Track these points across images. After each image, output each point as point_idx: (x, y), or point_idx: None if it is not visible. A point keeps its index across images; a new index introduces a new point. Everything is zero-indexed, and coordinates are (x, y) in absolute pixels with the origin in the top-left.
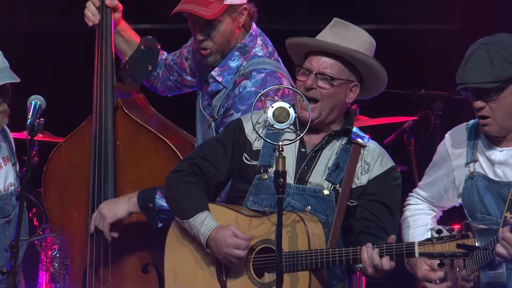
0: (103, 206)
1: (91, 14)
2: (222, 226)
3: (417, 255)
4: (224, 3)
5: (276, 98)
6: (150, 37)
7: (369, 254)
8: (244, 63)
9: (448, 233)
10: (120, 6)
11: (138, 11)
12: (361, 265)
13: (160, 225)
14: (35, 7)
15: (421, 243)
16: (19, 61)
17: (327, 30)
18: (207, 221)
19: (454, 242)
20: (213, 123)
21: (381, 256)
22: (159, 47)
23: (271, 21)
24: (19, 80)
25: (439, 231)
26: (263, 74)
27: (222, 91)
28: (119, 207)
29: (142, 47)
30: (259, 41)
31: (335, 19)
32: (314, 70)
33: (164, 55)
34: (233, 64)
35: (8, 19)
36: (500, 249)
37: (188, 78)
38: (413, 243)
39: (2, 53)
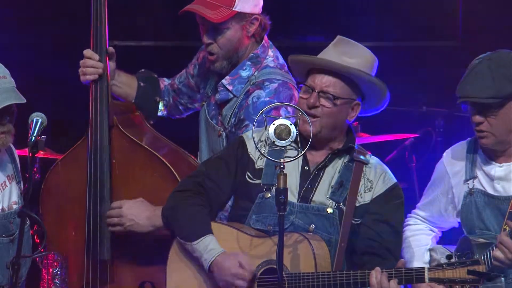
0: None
1: (92, 67)
2: (228, 254)
3: (427, 280)
4: (233, 9)
5: (289, 109)
6: (142, 70)
7: (378, 278)
8: (255, 73)
9: (458, 259)
10: (114, 53)
11: (141, 29)
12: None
13: None
14: (35, 23)
15: (431, 269)
16: (20, 78)
17: (330, 48)
18: (212, 246)
19: (465, 268)
20: (223, 133)
21: (389, 280)
22: (156, 76)
23: (272, 37)
24: (25, 101)
25: (449, 257)
26: (276, 84)
27: (233, 100)
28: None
29: (142, 84)
30: (270, 53)
31: (338, 36)
32: (317, 88)
33: (165, 81)
34: (244, 73)
35: (9, 35)
36: (497, 253)
37: (198, 96)
38: (423, 268)
39: (9, 72)
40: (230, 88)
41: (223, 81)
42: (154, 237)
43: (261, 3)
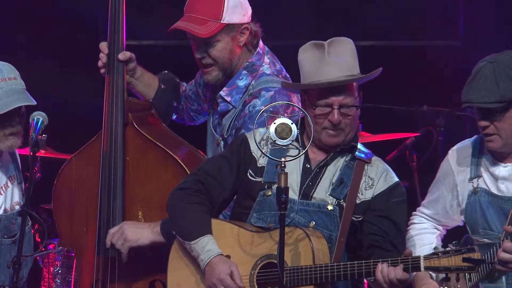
0: (126, 228)
1: (102, 63)
2: (225, 260)
3: (422, 269)
4: (221, 22)
5: (285, 115)
6: (165, 71)
7: (384, 272)
8: (253, 82)
9: (453, 247)
10: (133, 56)
11: (142, 28)
12: (373, 278)
13: None
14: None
15: (426, 257)
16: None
17: (329, 61)
18: (208, 247)
19: (460, 256)
20: (222, 142)
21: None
22: (177, 80)
23: (271, 37)
24: (35, 103)
25: (445, 246)
26: (272, 92)
27: (232, 110)
28: (142, 234)
29: (162, 86)
30: (266, 59)
31: (325, 43)
32: (335, 104)
33: (184, 86)
34: (241, 83)
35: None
36: (501, 254)
37: (206, 105)
38: (418, 257)
39: (19, 73)
40: (228, 99)
41: (221, 92)
42: None
43: (250, 11)
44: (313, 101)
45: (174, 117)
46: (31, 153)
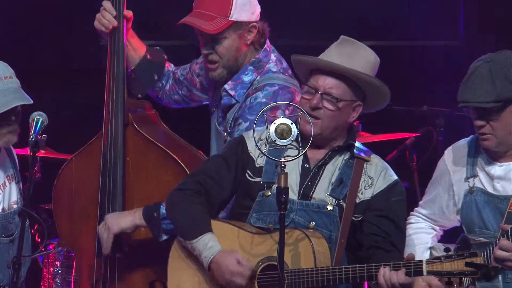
0: (108, 217)
1: (107, 21)
2: (226, 252)
3: (425, 273)
4: (229, 19)
5: (286, 112)
6: (157, 47)
7: (386, 276)
8: (258, 78)
9: (456, 252)
10: (131, 15)
11: (141, 27)
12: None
13: (164, 237)
14: (40, 18)
15: (429, 261)
16: (20, 78)
17: (333, 49)
18: (211, 244)
19: (463, 261)
20: (228, 138)
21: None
22: (165, 57)
23: (276, 36)
24: (31, 102)
25: (447, 249)
26: (276, 88)
27: (236, 105)
28: (124, 220)
29: (148, 56)
30: (273, 57)
31: (342, 36)
32: (320, 89)
33: (171, 67)
34: (247, 78)
35: (11, 30)
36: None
37: (198, 93)
38: (421, 261)
39: (14, 72)
40: (232, 93)
41: (225, 86)
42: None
43: (258, 10)
44: (304, 78)
45: (148, 91)
46: (31, 153)
